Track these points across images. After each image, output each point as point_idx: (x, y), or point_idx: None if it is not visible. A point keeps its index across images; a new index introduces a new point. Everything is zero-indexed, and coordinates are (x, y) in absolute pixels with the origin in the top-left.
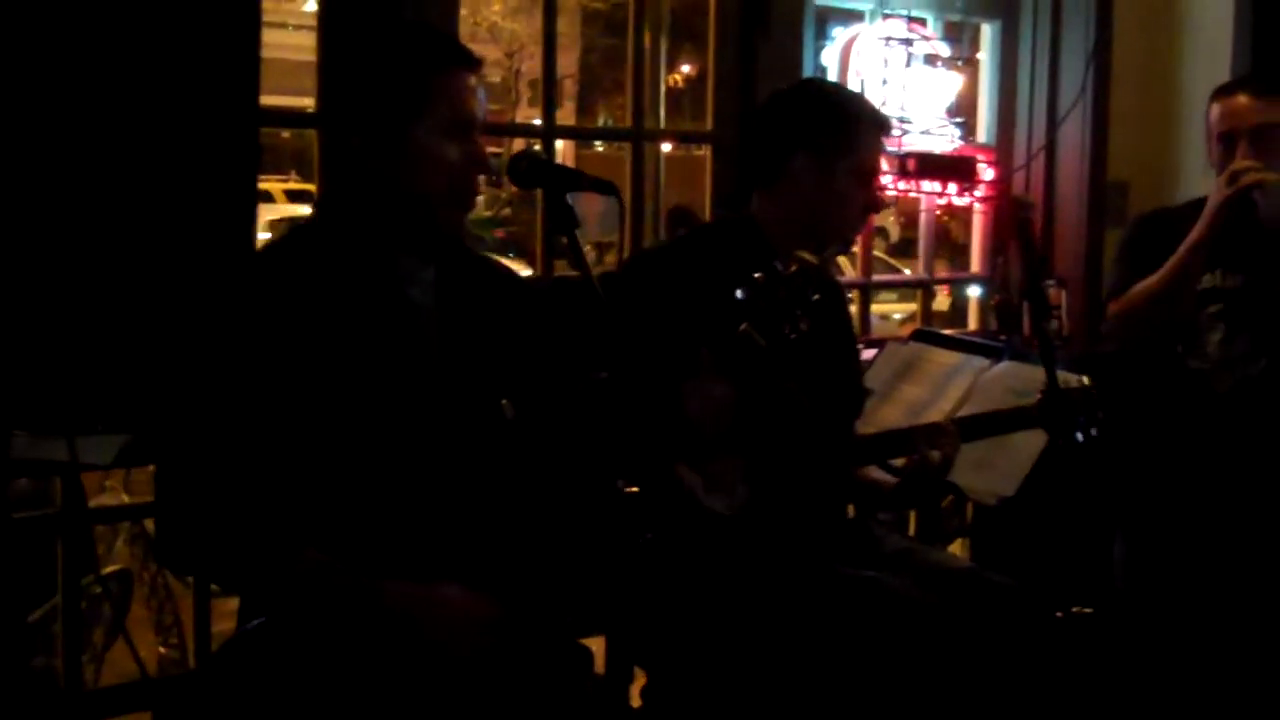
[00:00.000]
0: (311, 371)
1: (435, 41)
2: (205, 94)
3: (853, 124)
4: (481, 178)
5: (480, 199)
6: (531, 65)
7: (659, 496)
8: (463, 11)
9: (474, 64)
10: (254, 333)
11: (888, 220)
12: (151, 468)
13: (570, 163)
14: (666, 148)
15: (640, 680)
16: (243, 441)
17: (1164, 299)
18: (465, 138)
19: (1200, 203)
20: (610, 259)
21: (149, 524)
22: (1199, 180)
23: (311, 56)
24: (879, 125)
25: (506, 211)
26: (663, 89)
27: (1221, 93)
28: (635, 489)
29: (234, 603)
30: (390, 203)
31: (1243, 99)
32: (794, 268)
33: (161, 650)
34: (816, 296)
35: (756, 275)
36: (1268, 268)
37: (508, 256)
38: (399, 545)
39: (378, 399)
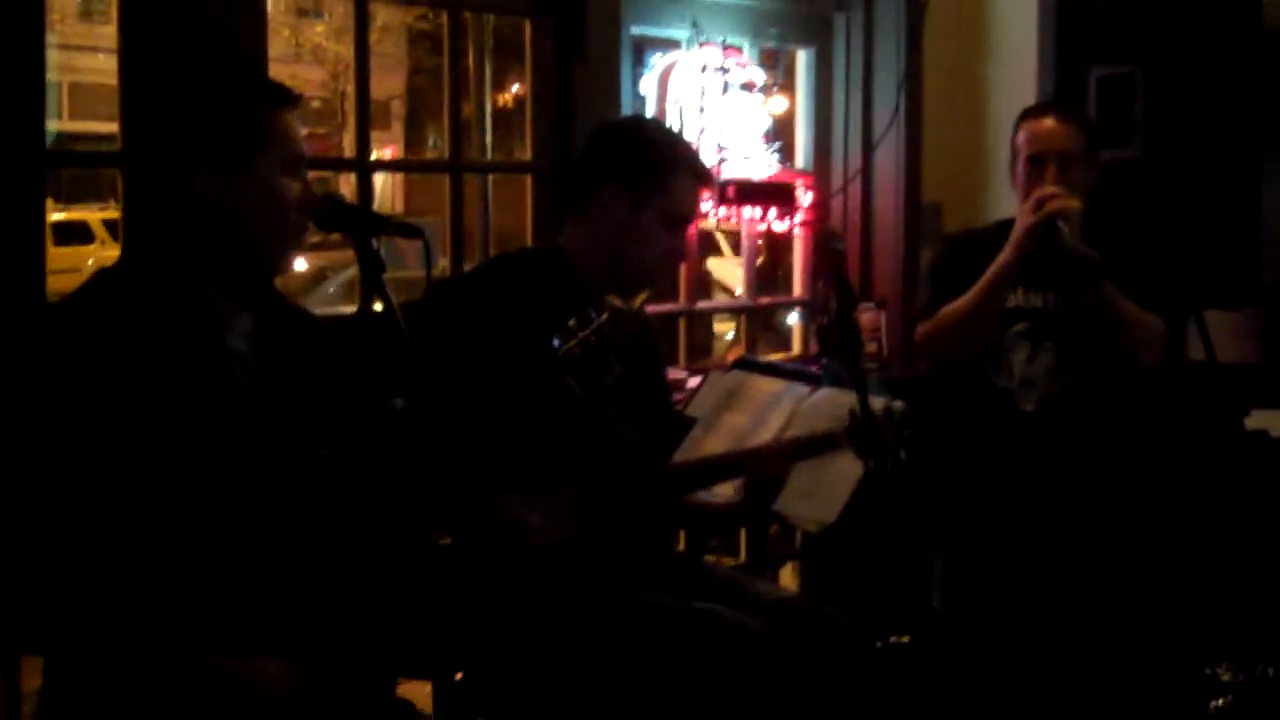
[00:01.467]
0: (126, 423)
1: (263, 79)
2: None
3: (669, 167)
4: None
5: None
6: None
7: (476, 531)
8: (284, 33)
9: (295, 101)
10: (62, 385)
11: (720, 236)
12: None
13: (398, 185)
14: None
15: None
16: (51, 497)
17: (972, 320)
18: (299, 173)
19: (1006, 225)
20: None
21: None
22: (1008, 201)
23: None
24: (698, 176)
25: (314, 239)
26: (489, 111)
27: (1029, 116)
28: (448, 539)
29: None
30: (218, 240)
31: (1050, 123)
32: (605, 314)
33: None
34: (626, 342)
35: (571, 323)
36: (1069, 288)
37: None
38: (219, 596)
39: (194, 450)
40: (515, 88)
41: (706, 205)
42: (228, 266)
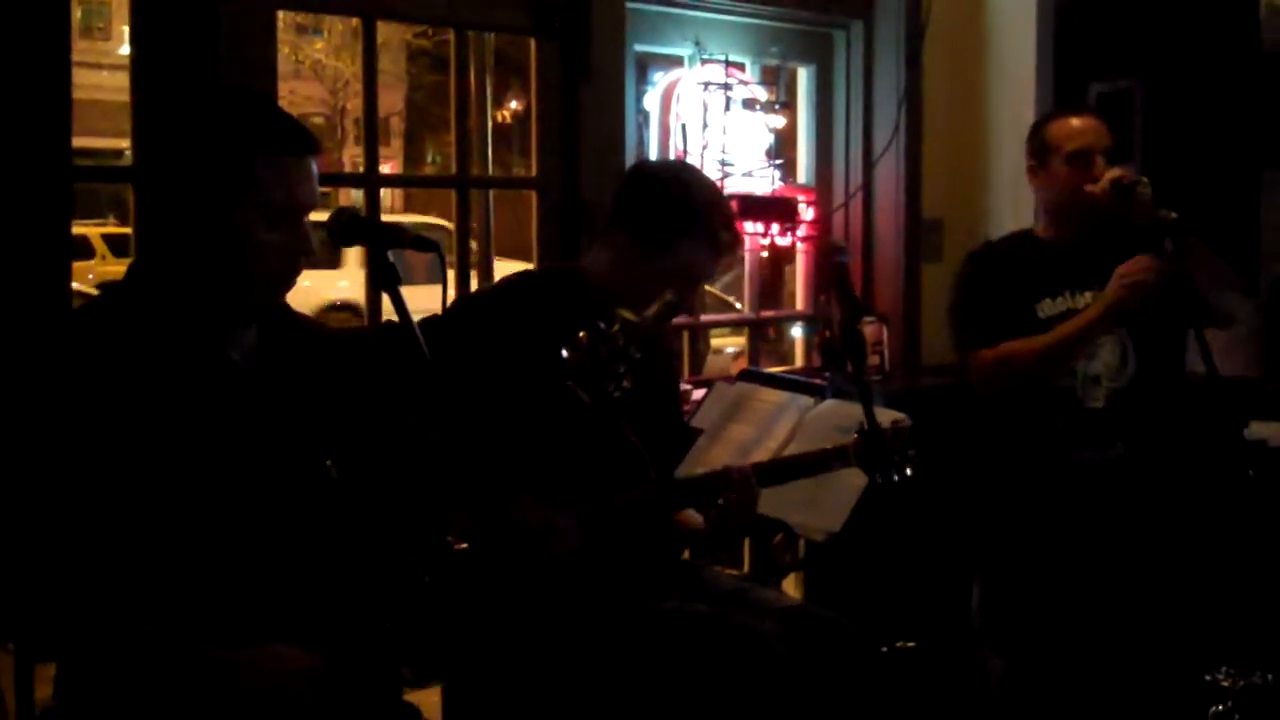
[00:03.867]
0: (132, 436)
1: (266, 122)
2: (12, 141)
3: (679, 232)
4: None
5: None
6: (357, 103)
7: (488, 541)
8: (284, 50)
9: (306, 148)
10: (70, 398)
11: None
12: None
13: (400, 201)
14: None
15: None
16: (61, 506)
17: (1053, 361)
18: (288, 223)
19: (1024, 234)
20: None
21: None
22: (1009, 215)
23: (124, 97)
24: (714, 244)
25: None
26: (490, 127)
27: (1058, 117)
28: (464, 545)
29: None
30: (207, 279)
31: (1088, 120)
32: (616, 328)
33: None
34: (638, 355)
35: (581, 335)
36: (1101, 283)
37: None
38: (227, 607)
39: (199, 463)
40: (514, 104)
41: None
42: (217, 296)
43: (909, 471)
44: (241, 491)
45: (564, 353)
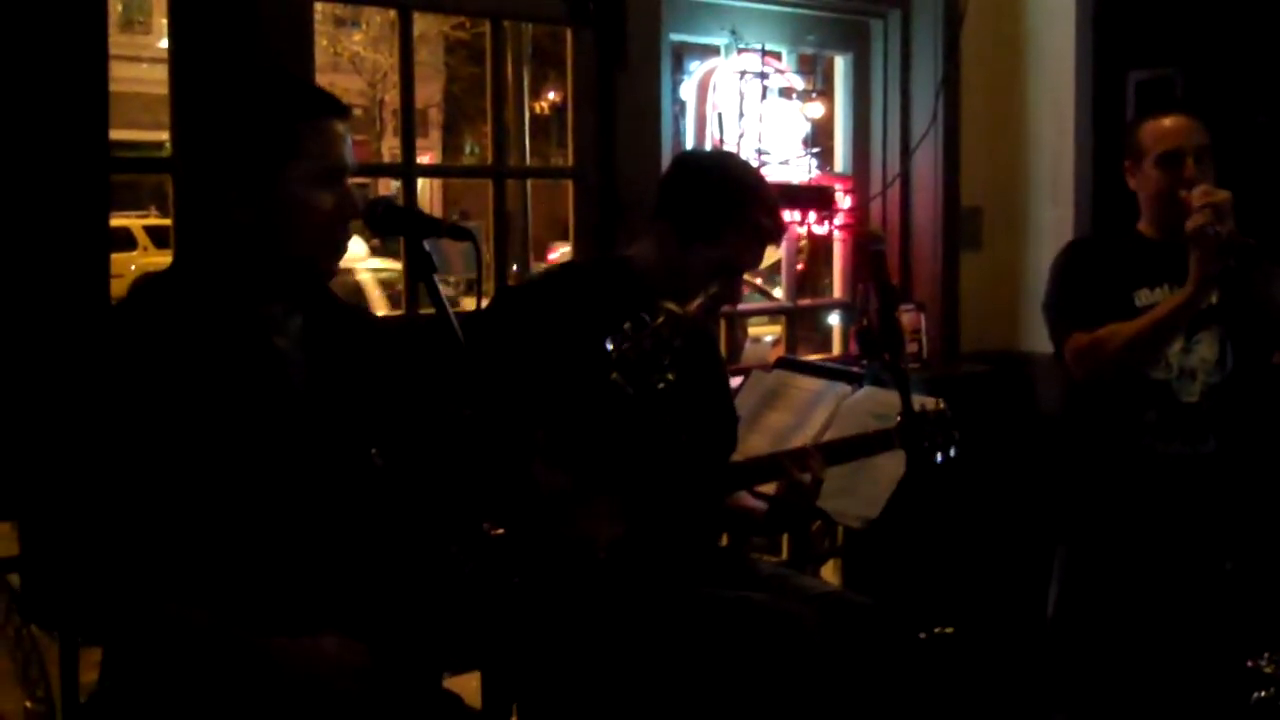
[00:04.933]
0: (179, 424)
1: (302, 89)
2: (52, 134)
3: (724, 222)
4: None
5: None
6: (394, 95)
7: (529, 533)
8: (323, 42)
9: (342, 111)
10: (118, 387)
11: None
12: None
13: (437, 192)
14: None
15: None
16: (110, 494)
17: (1147, 346)
18: (335, 185)
19: (1124, 228)
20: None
21: (12, 578)
22: (1048, 203)
23: (164, 90)
24: (756, 232)
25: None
26: (527, 118)
27: (1155, 115)
28: (502, 531)
29: (100, 654)
30: (258, 252)
31: (1179, 120)
32: (660, 319)
33: (28, 705)
34: (680, 344)
35: (625, 326)
36: (1233, 277)
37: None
38: (272, 595)
39: (246, 451)
40: (551, 95)
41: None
42: (269, 273)
43: (953, 453)
44: (287, 479)
45: (608, 344)
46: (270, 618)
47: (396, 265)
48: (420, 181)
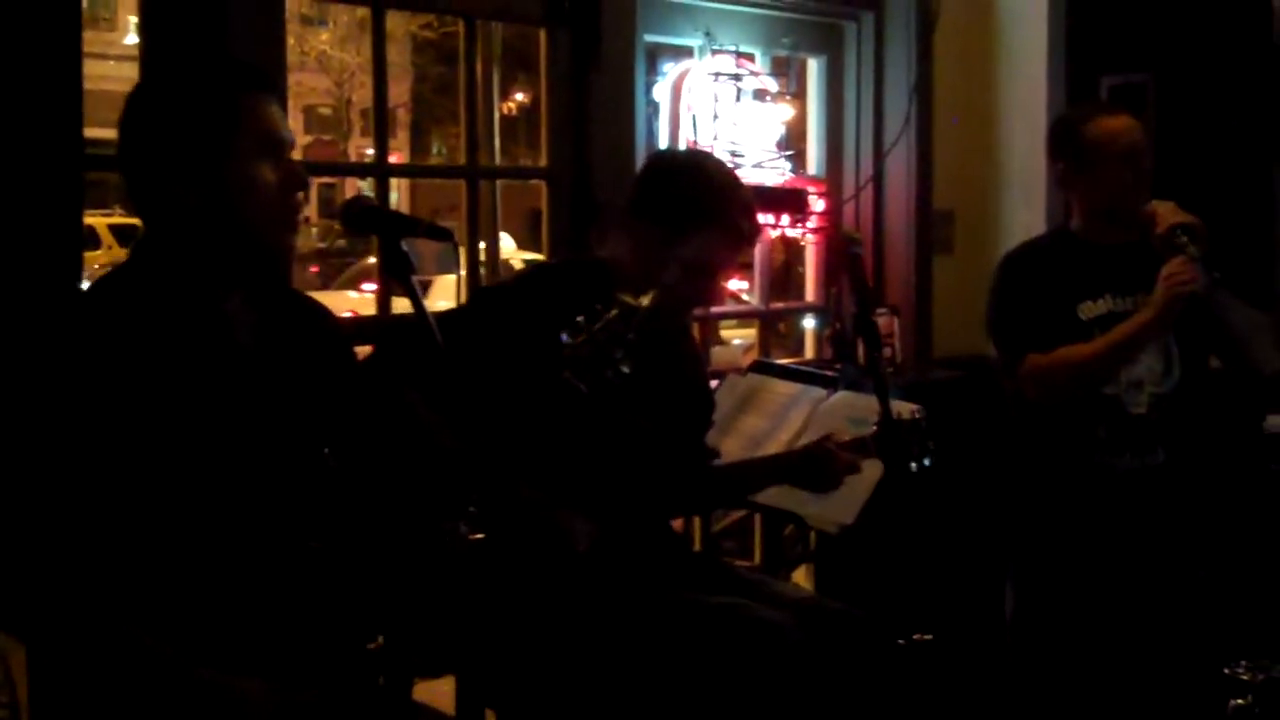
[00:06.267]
0: (134, 419)
1: (236, 67)
2: (24, 130)
3: (700, 221)
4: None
5: (313, 230)
6: (362, 94)
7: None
8: (290, 41)
9: (274, 89)
10: (73, 382)
11: None
12: None
13: (406, 192)
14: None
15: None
16: (51, 491)
17: (1100, 369)
18: (279, 157)
19: (1060, 233)
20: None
21: None
22: (1020, 207)
23: (130, 87)
24: (733, 232)
25: (341, 243)
26: (496, 119)
27: (1096, 114)
28: (479, 536)
29: None
30: (214, 236)
31: (1127, 118)
32: (614, 312)
33: None
34: (635, 338)
35: (579, 319)
36: (1145, 287)
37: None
38: (219, 591)
39: (198, 446)
40: (519, 96)
41: None
42: (228, 258)
43: (928, 462)
44: (238, 476)
45: (563, 338)
46: (213, 617)
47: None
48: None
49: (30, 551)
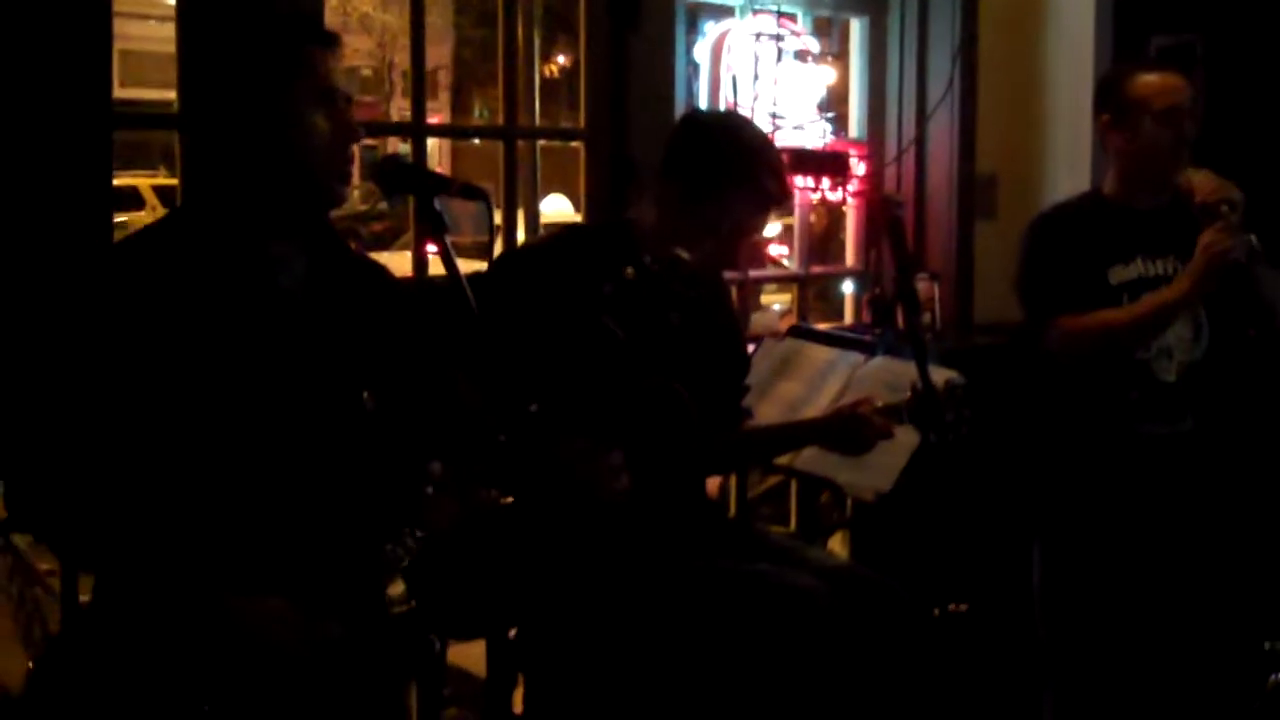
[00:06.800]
0: (170, 353)
1: (302, 19)
2: (52, 88)
3: (730, 183)
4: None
5: (355, 193)
6: (404, 57)
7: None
8: (332, 3)
9: (333, 43)
10: (109, 314)
11: None
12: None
13: (446, 155)
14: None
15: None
16: (92, 411)
17: (1133, 336)
18: (335, 107)
19: (1091, 195)
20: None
21: (16, 539)
22: (1065, 172)
23: (172, 48)
24: (763, 194)
25: (382, 206)
26: (537, 81)
27: (1142, 69)
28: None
29: None
30: (267, 182)
31: (1176, 77)
32: (662, 263)
33: (31, 665)
34: (688, 291)
35: (627, 270)
36: (1178, 252)
37: (381, 251)
38: (251, 530)
39: (236, 383)
40: (560, 59)
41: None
42: (279, 200)
43: (964, 431)
44: (275, 413)
45: (605, 288)
46: (239, 552)
47: None
48: (430, 145)
49: (64, 462)
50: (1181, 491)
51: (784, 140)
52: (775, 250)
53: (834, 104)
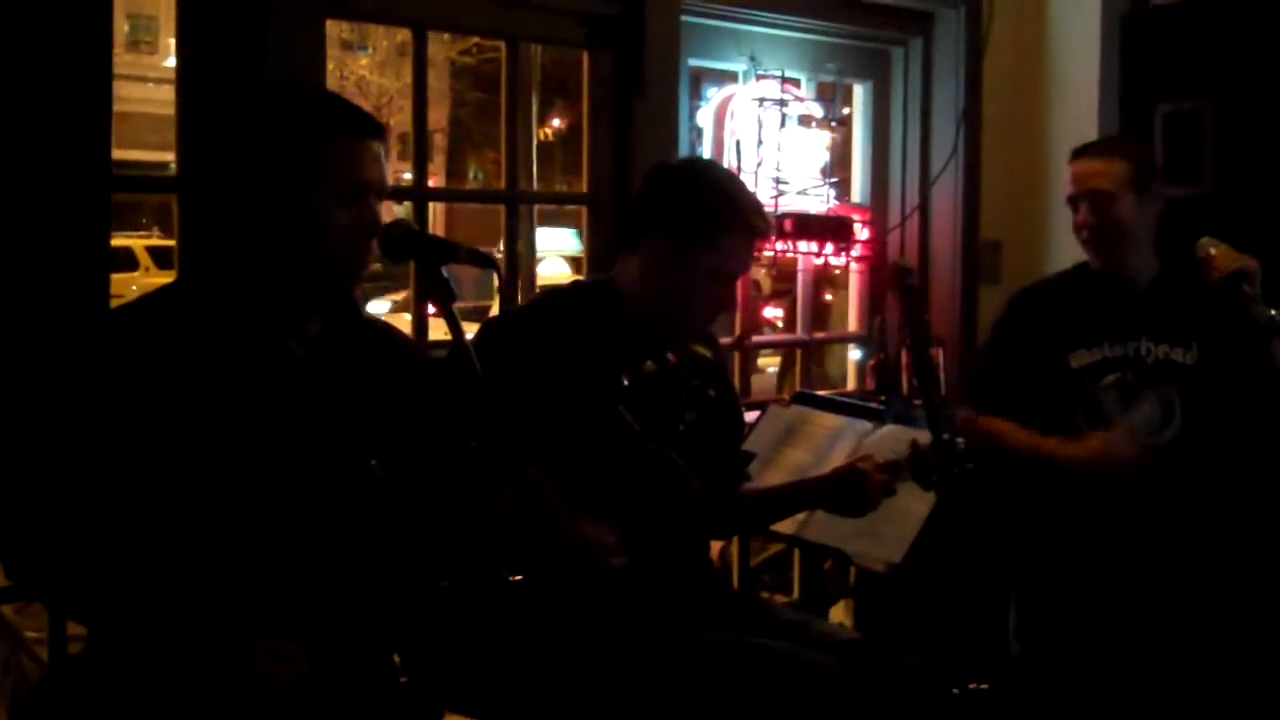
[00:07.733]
0: (178, 420)
1: (336, 108)
2: (52, 150)
3: (719, 224)
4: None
5: None
6: (400, 119)
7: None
8: (329, 66)
9: (374, 130)
10: (111, 377)
11: (759, 273)
12: None
13: (442, 216)
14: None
15: None
16: (91, 471)
17: (1028, 463)
18: (358, 203)
19: (1077, 270)
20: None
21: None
22: (1067, 237)
23: (171, 110)
24: (751, 232)
25: (376, 267)
26: (535, 144)
27: (1072, 158)
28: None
29: None
30: (275, 267)
31: (1084, 163)
32: (680, 359)
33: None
34: (701, 386)
35: (647, 366)
36: (1151, 334)
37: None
38: (255, 593)
39: (242, 447)
40: (556, 122)
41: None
42: (285, 286)
43: (969, 487)
44: (281, 479)
45: (624, 380)
46: (250, 614)
47: None
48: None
49: (58, 517)
50: (1143, 568)
51: (787, 205)
52: (770, 313)
53: (837, 169)
